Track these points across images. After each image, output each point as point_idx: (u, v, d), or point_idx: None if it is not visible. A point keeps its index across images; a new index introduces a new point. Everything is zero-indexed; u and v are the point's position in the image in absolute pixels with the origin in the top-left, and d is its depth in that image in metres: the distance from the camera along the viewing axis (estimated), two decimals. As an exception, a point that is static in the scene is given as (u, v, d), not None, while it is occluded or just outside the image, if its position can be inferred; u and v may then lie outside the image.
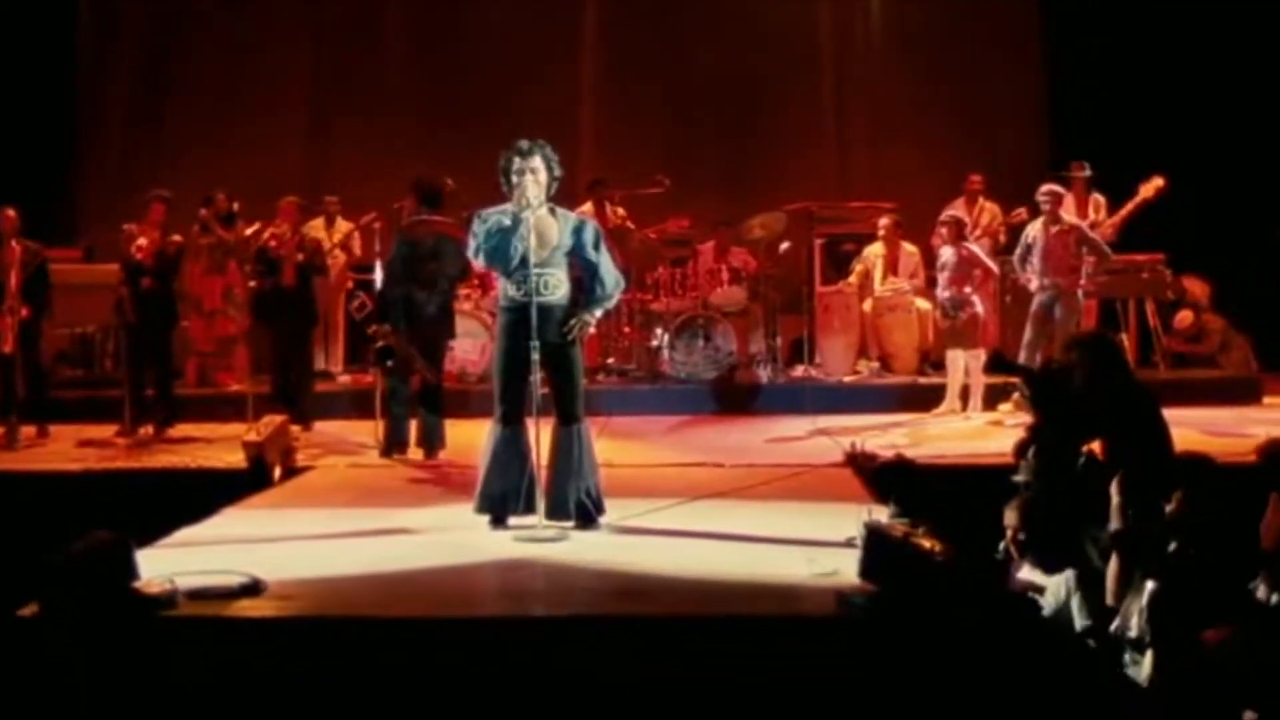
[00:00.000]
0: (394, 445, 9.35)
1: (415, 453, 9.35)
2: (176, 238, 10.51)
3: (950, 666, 4.86)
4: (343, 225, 12.60)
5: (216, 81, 14.50)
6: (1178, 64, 13.21)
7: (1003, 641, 4.94)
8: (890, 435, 9.89)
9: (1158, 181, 11.64)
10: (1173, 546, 5.03)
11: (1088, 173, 12.02)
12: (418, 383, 9.43)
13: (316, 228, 12.07)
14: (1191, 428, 8.93)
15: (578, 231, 6.81)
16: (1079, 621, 5.03)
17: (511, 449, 6.76)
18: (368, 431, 9.81)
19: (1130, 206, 11.78)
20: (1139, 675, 4.90)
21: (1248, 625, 4.70)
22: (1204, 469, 6.43)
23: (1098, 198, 12.05)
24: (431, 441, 9.31)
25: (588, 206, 12.11)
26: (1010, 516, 5.35)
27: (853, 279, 12.56)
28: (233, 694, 4.95)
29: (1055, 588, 5.06)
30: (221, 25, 14.67)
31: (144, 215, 10.57)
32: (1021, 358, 10.25)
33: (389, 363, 9.28)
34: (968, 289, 10.95)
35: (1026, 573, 5.52)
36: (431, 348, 9.42)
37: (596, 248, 6.81)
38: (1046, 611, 5.20)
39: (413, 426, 9.44)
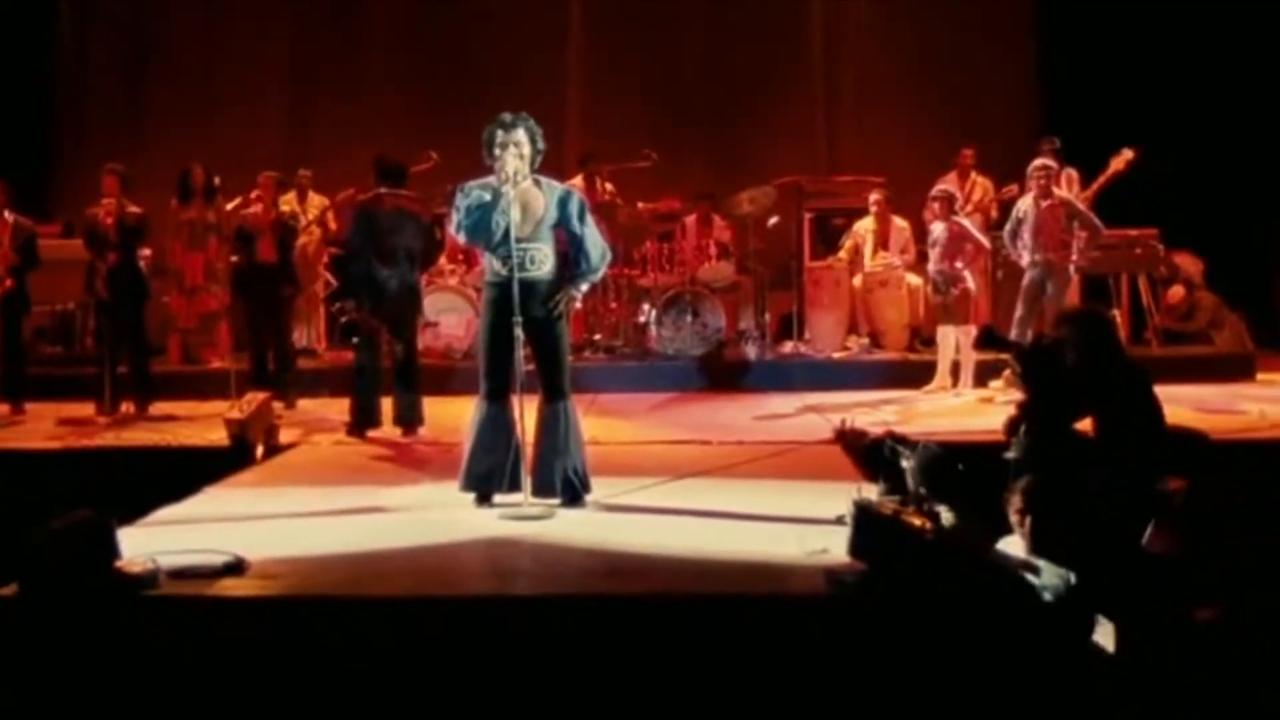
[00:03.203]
0: (362, 423, 9.24)
1: (390, 431, 9.26)
2: (135, 208, 10.37)
3: (940, 644, 4.82)
4: (315, 199, 12.56)
5: (196, 58, 14.46)
6: (1172, 37, 13.19)
7: (993, 619, 4.89)
8: (880, 412, 9.85)
9: (1127, 154, 11.61)
10: None
11: (1056, 145, 11.96)
12: (389, 359, 9.36)
13: (289, 201, 12.01)
14: (1184, 405, 8.91)
15: (563, 203, 6.73)
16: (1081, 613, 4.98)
17: (497, 426, 6.70)
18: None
19: (1102, 180, 11.75)
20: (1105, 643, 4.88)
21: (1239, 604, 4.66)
22: (1196, 446, 6.42)
23: (1070, 172, 12.02)
24: (408, 418, 9.23)
25: (578, 181, 12.05)
26: (1016, 500, 5.30)
27: (843, 254, 12.51)
28: (215, 673, 4.91)
29: (1054, 578, 5.00)
30: (201, 2, 14.57)
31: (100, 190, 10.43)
32: (1013, 334, 10.19)
33: (354, 339, 9.22)
34: (959, 264, 10.90)
35: (1026, 555, 5.46)
36: (398, 323, 9.33)
37: (582, 219, 6.74)
38: (1048, 599, 5.14)
39: (387, 404, 9.35)
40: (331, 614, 5.15)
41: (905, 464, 5.51)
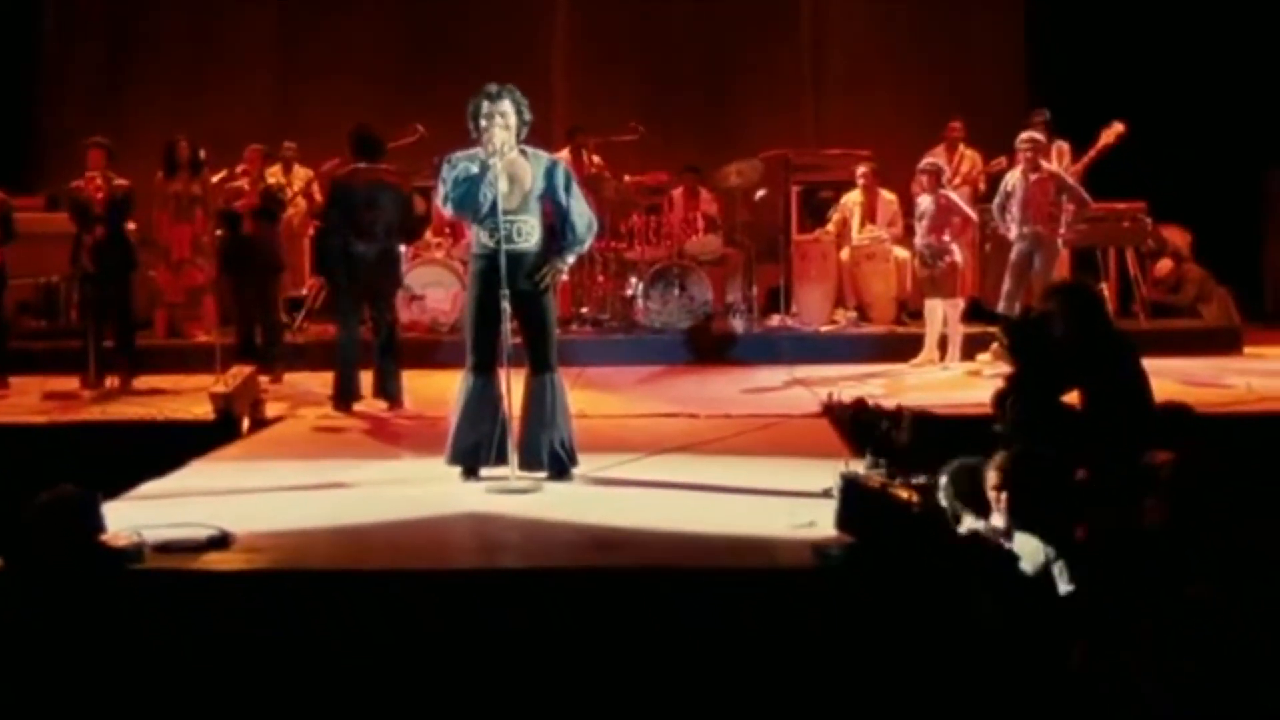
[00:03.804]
0: (343, 397, 9.20)
1: (373, 404, 9.24)
2: (121, 181, 10.32)
3: (927, 617, 4.81)
4: (300, 172, 12.50)
5: (182, 29, 14.36)
6: (1160, 10, 13.15)
7: (979, 591, 4.89)
8: (867, 385, 9.83)
9: (1118, 126, 11.60)
10: None
11: (1046, 117, 11.94)
12: (369, 333, 9.33)
13: (274, 174, 11.95)
14: (1171, 378, 8.91)
15: (550, 174, 6.69)
16: (1062, 587, 4.98)
17: (483, 399, 6.68)
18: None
19: (1092, 153, 11.75)
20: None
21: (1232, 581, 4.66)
22: (1183, 419, 6.42)
23: (1061, 144, 12.00)
24: (390, 391, 9.20)
25: (565, 153, 12.00)
26: (991, 477, 5.29)
27: (830, 228, 12.48)
28: (201, 647, 4.89)
29: (1034, 551, 5.00)
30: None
31: (85, 164, 10.37)
32: (1001, 307, 10.17)
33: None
34: (946, 237, 10.88)
35: (1000, 524, 5.46)
36: (376, 297, 9.30)
37: (568, 190, 6.70)
38: (1027, 571, 5.14)
39: (367, 378, 9.32)
40: (317, 588, 5.12)
41: (941, 480, 5.49)
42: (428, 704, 4.86)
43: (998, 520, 5.25)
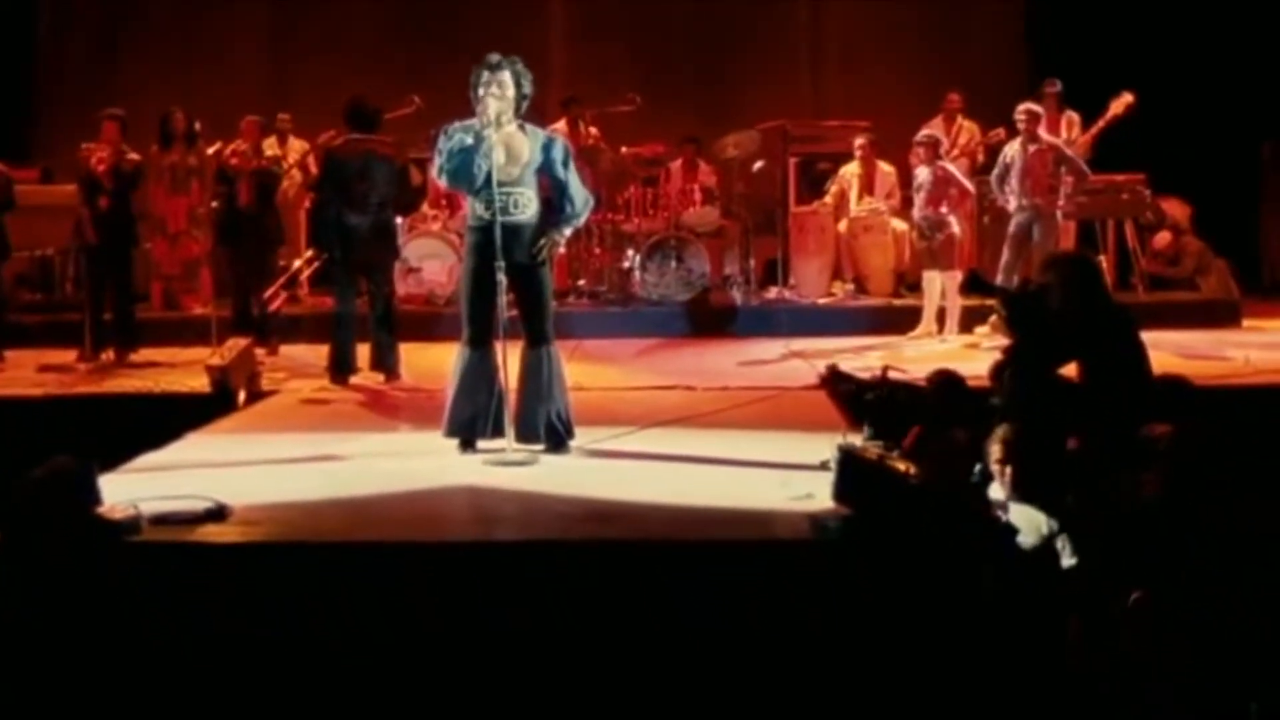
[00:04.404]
0: (339, 370, 9.18)
1: (370, 377, 9.22)
2: (133, 155, 10.31)
3: (925, 590, 4.81)
4: (296, 144, 12.46)
5: (179, 2, 14.23)
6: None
7: (978, 565, 4.89)
8: (865, 357, 9.81)
9: (1127, 97, 11.57)
10: None
11: (1058, 88, 11.90)
12: (365, 305, 9.31)
13: (270, 145, 11.92)
14: (1169, 350, 8.90)
15: (547, 148, 6.68)
16: (1065, 560, 4.97)
17: (480, 372, 6.66)
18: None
19: (1101, 123, 11.73)
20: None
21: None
22: (1182, 391, 6.41)
23: (1071, 115, 11.96)
24: (387, 363, 9.18)
25: (561, 124, 11.98)
26: (995, 450, 5.28)
27: (828, 199, 12.45)
28: (197, 620, 4.90)
29: (1036, 524, 4.99)
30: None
31: (97, 135, 10.35)
32: (999, 279, 10.15)
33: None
34: (944, 209, 10.85)
35: (1004, 498, 5.46)
36: (371, 269, 9.27)
37: (565, 165, 6.69)
38: (1027, 545, 5.14)
39: (364, 351, 9.30)
40: (314, 560, 5.13)
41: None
42: (425, 677, 4.86)
43: (999, 492, 5.26)
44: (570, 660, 4.84)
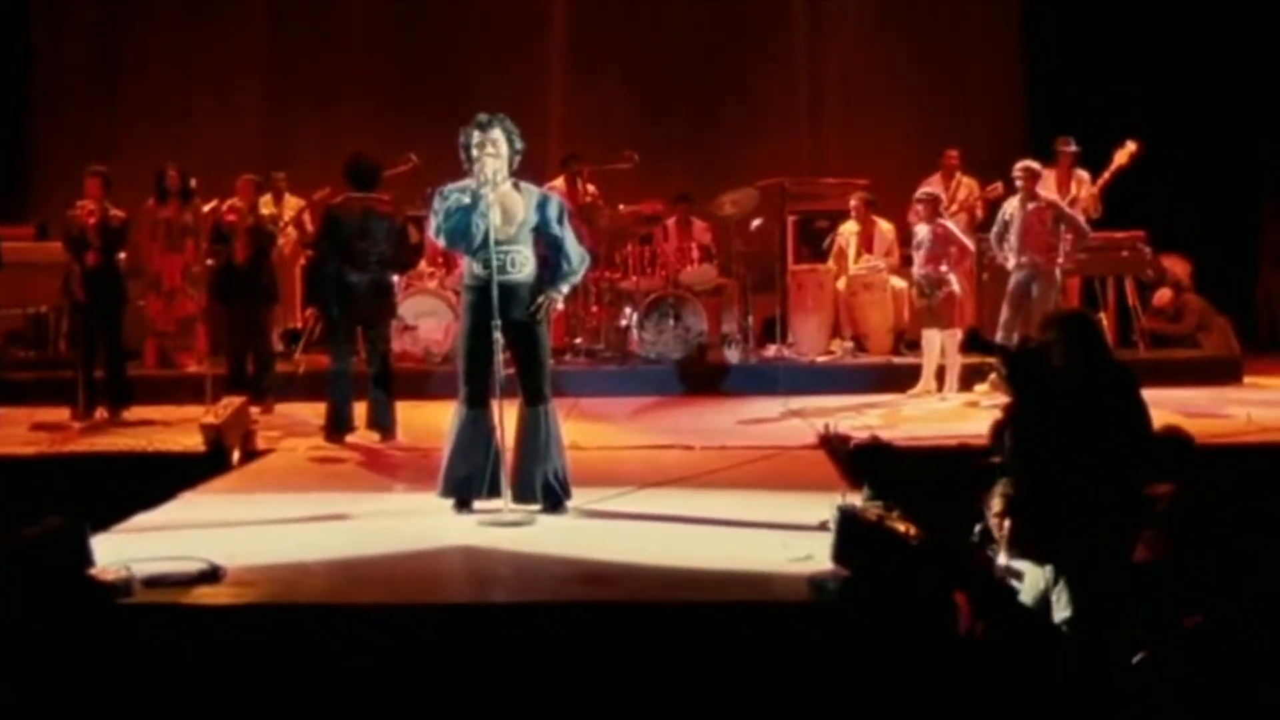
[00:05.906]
0: (335, 429, 9.14)
1: (366, 436, 9.17)
2: (118, 212, 10.29)
3: (924, 652, 4.76)
4: (292, 201, 12.48)
5: (171, 57, 14.33)
6: (1158, 37, 13.16)
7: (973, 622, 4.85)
8: (865, 416, 9.78)
9: (1131, 146, 11.60)
10: None
11: (1074, 148, 11.93)
12: (361, 364, 9.28)
13: (265, 204, 11.91)
14: (1170, 408, 8.87)
15: (542, 206, 6.68)
16: (1059, 613, 4.94)
17: (476, 431, 6.65)
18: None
19: (1107, 175, 11.75)
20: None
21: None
22: (1183, 450, 6.37)
23: (1081, 174, 11.97)
24: (383, 423, 9.14)
25: (559, 182, 12.00)
26: (995, 504, 5.25)
27: (830, 263, 12.45)
28: (191, 683, 4.85)
29: (1035, 578, 4.95)
30: (177, 2, 14.48)
31: (83, 192, 10.33)
32: (999, 337, 10.14)
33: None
34: (944, 267, 10.84)
35: (1006, 559, 5.42)
36: (369, 327, 9.25)
37: (560, 222, 6.70)
38: (1026, 601, 5.10)
39: (360, 409, 9.25)
40: (309, 622, 5.10)
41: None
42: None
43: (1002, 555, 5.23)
44: (566, 724, 4.78)
